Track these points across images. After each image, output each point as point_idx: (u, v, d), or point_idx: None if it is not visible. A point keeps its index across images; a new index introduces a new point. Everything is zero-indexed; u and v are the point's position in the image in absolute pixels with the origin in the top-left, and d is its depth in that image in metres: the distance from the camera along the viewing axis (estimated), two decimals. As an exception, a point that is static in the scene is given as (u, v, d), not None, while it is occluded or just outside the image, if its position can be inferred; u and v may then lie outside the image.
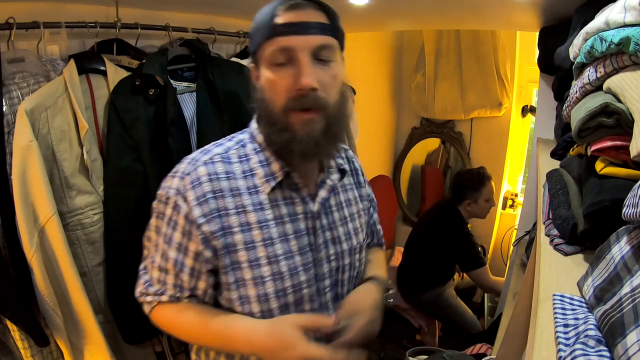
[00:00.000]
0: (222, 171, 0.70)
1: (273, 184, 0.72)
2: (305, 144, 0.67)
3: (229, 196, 0.70)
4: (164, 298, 0.74)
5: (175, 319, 0.74)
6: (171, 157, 1.27)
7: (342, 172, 0.83)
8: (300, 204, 0.75)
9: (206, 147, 0.75)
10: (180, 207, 0.69)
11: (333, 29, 0.68)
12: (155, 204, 0.74)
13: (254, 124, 0.76)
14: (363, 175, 0.93)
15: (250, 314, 0.72)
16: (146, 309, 0.77)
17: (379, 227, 1.03)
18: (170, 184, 0.71)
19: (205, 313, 0.73)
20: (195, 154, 0.73)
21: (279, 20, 0.65)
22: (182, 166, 0.72)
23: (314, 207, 0.76)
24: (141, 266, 0.79)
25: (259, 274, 0.70)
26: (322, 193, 0.77)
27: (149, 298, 0.75)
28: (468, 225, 2.26)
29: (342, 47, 0.72)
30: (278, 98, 0.67)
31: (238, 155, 0.73)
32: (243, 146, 0.75)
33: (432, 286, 2.23)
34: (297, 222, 0.74)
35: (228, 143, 0.75)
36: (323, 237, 0.77)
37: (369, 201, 0.95)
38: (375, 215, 1.01)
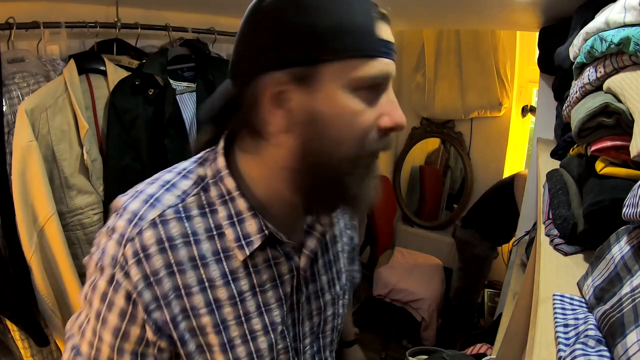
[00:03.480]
0: (178, 234, 0.50)
1: (247, 252, 0.52)
2: (371, 199, 0.54)
3: (190, 269, 0.50)
4: None
5: None
6: (168, 157, 1.27)
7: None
8: (285, 263, 0.56)
9: (150, 188, 0.53)
10: (119, 284, 0.49)
11: None
12: (86, 259, 0.53)
13: (221, 159, 0.54)
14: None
15: None
16: None
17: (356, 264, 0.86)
18: (105, 247, 0.50)
19: None
20: (136, 202, 0.51)
21: (382, 34, 0.47)
22: (121, 223, 0.50)
23: (301, 261, 0.58)
24: (70, 324, 0.56)
25: (235, 355, 0.54)
26: (311, 243, 0.59)
27: None
28: None
29: None
30: (353, 134, 0.48)
31: (199, 205, 0.52)
32: (205, 190, 0.53)
33: (492, 238, 2.41)
34: (282, 286, 0.57)
35: (183, 183, 0.53)
36: (306, 293, 0.61)
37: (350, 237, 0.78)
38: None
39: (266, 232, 0.53)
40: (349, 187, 0.51)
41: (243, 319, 0.54)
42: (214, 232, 0.52)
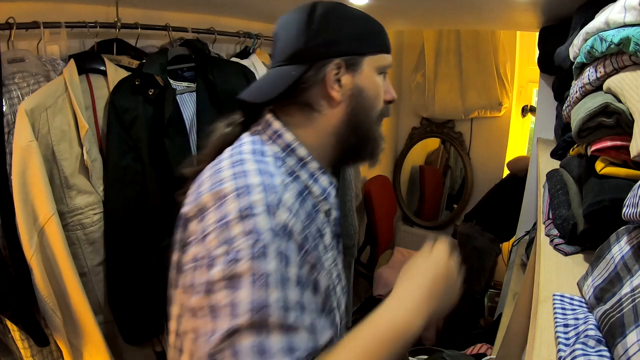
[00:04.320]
0: (296, 195, 0.58)
1: (331, 200, 0.66)
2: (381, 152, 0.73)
3: (311, 221, 0.59)
4: None
5: None
6: (168, 157, 1.27)
7: None
8: (332, 211, 0.69)
9: (249, 165, 0.56)
10: (288, 248, 0.51)
11: None
12: (224, 269, 0.48)
13: (288, 134, 0.64)
14: None
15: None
16: None
17: None
18: (258, 226, 0.49)
19: (347, 341, 0.53)
20: (252, 177, 0.54)
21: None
22: (255, 197, 0.51)
23: (335, 212, 0.71)
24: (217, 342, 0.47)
25: (336, 295, 0.64)
26: (333, 192, 0.72)
27: None
28: None
29: None
30: (379, 104, 0.69)
31: (288, 174, 0.61)
32: (283, 162, 0.63)
33: (492, 230, 2.38)
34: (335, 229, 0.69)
35: (267, 159, 0.60)
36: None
37: None
38: None
39: (334, 182, 0.69)
40: (376, 141, 0.70)
41: (335, 262, 0.66)
42: (305, 193, 0.62)
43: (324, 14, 0.65)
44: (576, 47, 0.81)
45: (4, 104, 1.07)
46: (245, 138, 0.65)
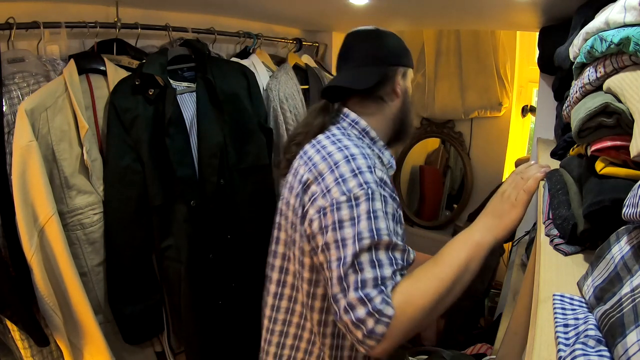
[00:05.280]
0: (375, 163, 0.82)
1: (394, 168, 0.95)
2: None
3: (387, 183, 0.80)
4: (399, 277, 0.70)
5: (425, 281, 0.70)
6: (169, 157, 1.27)
7: None
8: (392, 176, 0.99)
9: (346, 142, 0.81)
10: (386, 194, 0.76)
11: None
12: (350, 211, 0.71)
13: (362, 122, 0.91)
14: None
15: None
16: (383, 308, 0.65)
17: None
18: (364, 179, 0.74)
19: (434, 258, 0.75)
20: (353, 149, 0.79)
21: None
22: (360, 161, 0.76)
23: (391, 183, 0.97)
24: (346, 278, 0.68)
25: (402, 236, 0.84)
26: (394, 162, 1.00)
27: (389, 285, 0.67)
28: None
29: None
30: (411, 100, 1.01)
31: (368, 148, 0.87)
32: (362, 141, 0.88)
33: None
34: None
35: (355, 140, 0.85)
36: None
37: None
38: None
39: (394, 155, 0.97)
40: (412, 126, 1.01)
41: (401, 218, 0.85)
42: (378, 162, 0.86)
43: (389, 35, 0.96)
44: (576, 47, 0.81)
45: (4, 104, 1.07)
46: (332, 126, 0.91)
